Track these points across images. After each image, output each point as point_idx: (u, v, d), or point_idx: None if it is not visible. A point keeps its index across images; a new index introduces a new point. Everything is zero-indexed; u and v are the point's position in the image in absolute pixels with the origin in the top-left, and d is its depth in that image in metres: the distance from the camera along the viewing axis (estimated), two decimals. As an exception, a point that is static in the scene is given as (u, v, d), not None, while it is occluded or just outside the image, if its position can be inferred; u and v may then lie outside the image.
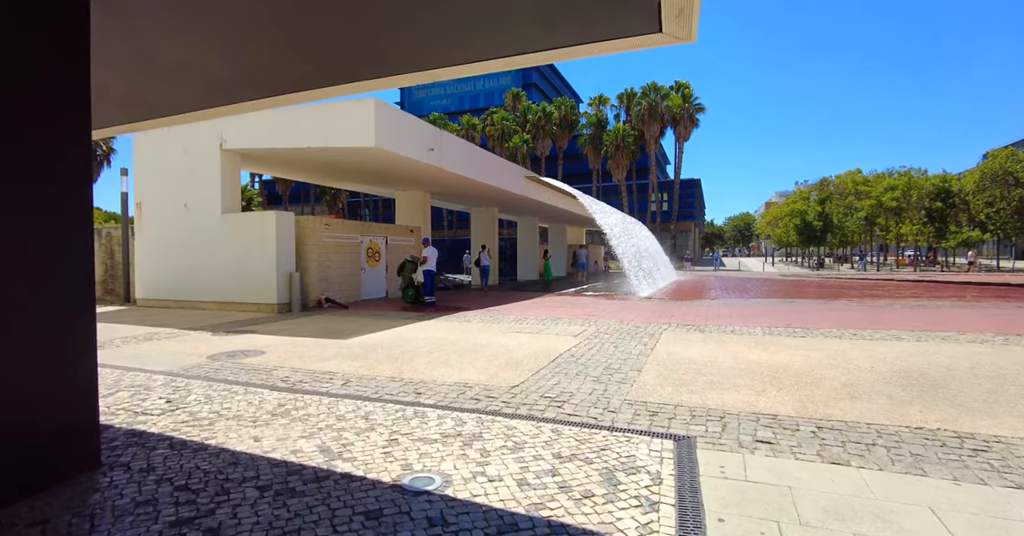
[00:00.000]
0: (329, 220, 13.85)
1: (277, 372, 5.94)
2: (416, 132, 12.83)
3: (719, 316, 10.82)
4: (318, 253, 13.38)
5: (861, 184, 49.66)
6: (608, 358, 6.48)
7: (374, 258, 15.47)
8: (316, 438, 3.71)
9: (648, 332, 8.60)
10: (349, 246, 14.40)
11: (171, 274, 13.60)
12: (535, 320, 10.23)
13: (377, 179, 16.91)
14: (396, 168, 14.18)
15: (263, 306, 12.32)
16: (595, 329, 8.97)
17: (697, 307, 12.94)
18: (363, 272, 15.00)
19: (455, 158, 14.59)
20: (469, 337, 8.23)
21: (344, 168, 14.78)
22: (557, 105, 62.71)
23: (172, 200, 13.54)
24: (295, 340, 8.16)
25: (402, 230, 16.79)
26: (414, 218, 19.25)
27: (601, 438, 3.70)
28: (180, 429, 3.91)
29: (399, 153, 11.97)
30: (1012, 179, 43.32)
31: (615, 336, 8.21)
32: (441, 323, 10.00)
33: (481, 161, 16.61)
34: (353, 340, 8.06)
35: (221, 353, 7.15)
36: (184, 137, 13.34)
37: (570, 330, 8.87)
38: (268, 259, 12.20)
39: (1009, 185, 43.12)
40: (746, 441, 3.70)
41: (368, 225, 15.38)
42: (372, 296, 15.36)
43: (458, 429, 3.87)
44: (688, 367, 5.96)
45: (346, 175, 16.42)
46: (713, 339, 7.88)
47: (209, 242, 12.97)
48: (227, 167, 12.98)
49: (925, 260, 55.04)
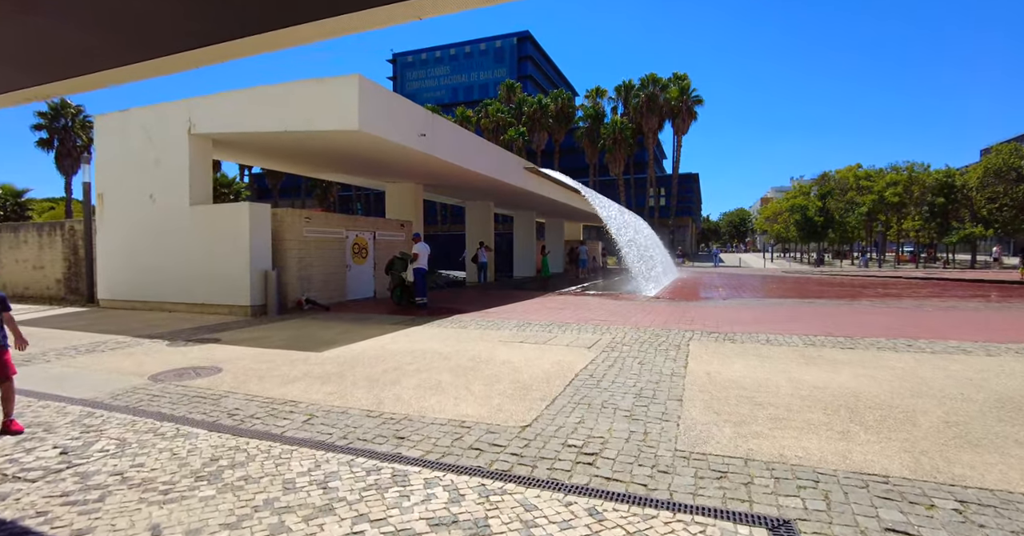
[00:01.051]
0: (310, 213, 12.61)
1: (227, 401, 4.75)
2: (406, 115, 11.57)
3: (743, 320, 9.71)
4: (298, 249, 12.14)
5: (863, 179, 48.72)
6: (636, 380, 5.33)
7: (360, 255, 14.24)
8: (245, 530, 2.53)
9: (672, 342, 7.46)
10: (333, 242, 13.17)
11: (136, 272, 12.33)
12: (540, 326, 9.07)
13: (364, 169, 15.63)
14: (384, 156, 12.93)
15: (236, 308, 11.09)
16: (610, 338, 7.82)
17: (713, 309, 11.83)
18: (348, 270, 13.77)
19: (449, 146, 13.35)
20: (466, 348, 7.06)
21: (327, 156, 13.50)
22: (553, 97, 61.37)
23: (137, 191, 12.24)
24: (262, 353, 6.96)
25: (392, 224, 15.57)
26: (406, 212, 18.03)
27: (663, 525, 2.55)
28: (50, 511, 2.72)
29: (387, 138, 10.72)
30: (1015, 174, 42.57)
31: (636, 348, 7.07)
32: (433, 329, 8.82)
33: (478, 150, 15.37)
34: (329, 353, 6.87)
35: (168, 371, 5.94)
36: (149, 121, 12.03)
37: (582, 339, 7.72)
38: (241, 256, 10.96)
39: (1011, 180, 42.36)
40: (871, 530, 2.56)
41: (354, 219, 14.13)
42: (358, 296, 14.14)
43: (453, 511, 2.69)
44: (738, 394, 4.82)
45: (330, 164, 15.13)
46: (751, 352, 6.75)
47: (177, 237, 11.70)
48: (196, 154, 11.68)
49: (926, 256, 54.38)
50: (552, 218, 36.15)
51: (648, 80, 55.00)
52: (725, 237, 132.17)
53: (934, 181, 46.28)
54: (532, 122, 59.61)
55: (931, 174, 47.66)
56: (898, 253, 54.59)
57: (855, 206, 49.09)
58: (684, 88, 54.54)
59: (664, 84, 54.73)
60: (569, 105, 60.88)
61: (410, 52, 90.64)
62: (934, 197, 46.37)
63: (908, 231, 46.91)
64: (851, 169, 54.41)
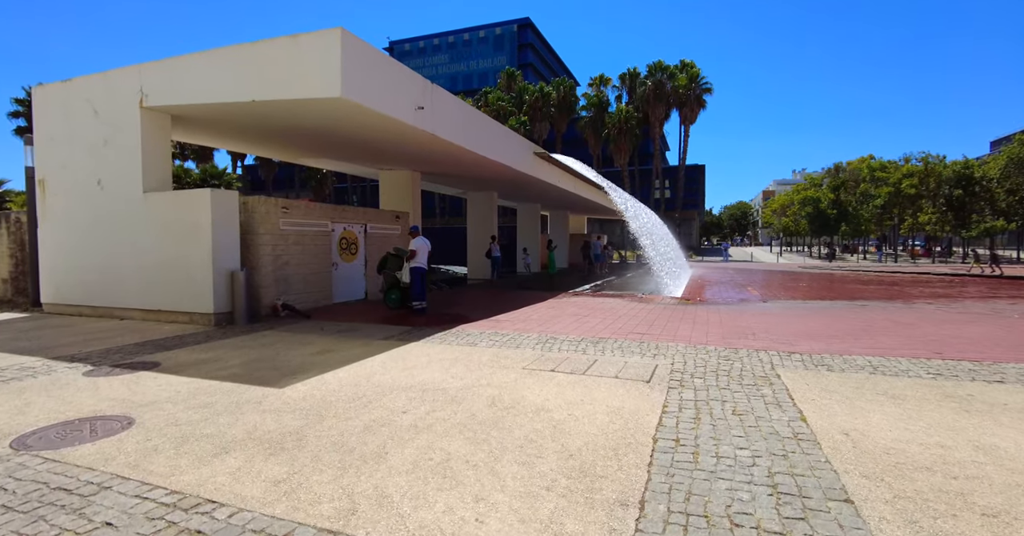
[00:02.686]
0: (288, 202, 10.72)
1: (103, 502, 2.92)
2: (401, 83, 9.65)
3: (813, 334, 7.90)
4: (273, 245, 10.28)
5: (878, 170, 46.86)
6: (751, 453, 3.48)
7: (349, 251, 12.37)
8: None
9: (753, 371, 5.64)
10: (316, 236, 11.30)
11: (84, 271, 10.45)
12: (570, 342, 7.24)
13: (353, 152, 13.71)
14: (375, 134, 11.03)
15: (197, 316, 9.24)
16: (668, 364, 6.00)
17: (762, 316, 10.02)
18: (335, 269, 11.90)
19: (452, 123, 11.43)
20: (479, 381, 5.24)
21: (308, 135, 11.56)
22: (556, 85, 59.26)
23: (83, 176, 10.34)
24: (203, 388, 5.12)
25: (385, 216, 13.68)
26: (401, 202, 16.16)
27: None
28: None
29: (377, 110, 8.81)
30: (1036, 165, 40.75)
31: (712, 381, 5.25)
32: (435, 347, 6.99)
33: (484, 130, 13.44)
34: (294, 390, 5.03)
35: (53, 426, 4.11)
36: (95, 92, 10.10)
37: (632, 366, 5.90)
38: (202, 253, 9.10)
39: (1032, 171, 40.55)
40: None
41: (341, 209, 12.24)
42: (347, 298, 12.29)
43: None
44: (929, 483, 3.00)
45: (314, 146, 13.18)
46: (870, 389, 4.94)
47: (130, 230, 9.83)
48: (151, 131, 9.76)
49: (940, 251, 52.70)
50: (556, 210, 34.27)
51: (656, 67, 52.92)
52: (727, 231, 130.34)
53: (952, 173, 44.49)
54: (533, 111, 57.52)
55: (947, 166, 45.88)
56: (912, 247, 52.86)
57: (869, 198, 47.28)
58: (693, 76, 52.49)
59: (672, 71, 52.66)
60: (572, 94, 58.76)
61: (407, 40, 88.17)
62: (951, 189, 44.61)
63: (924, 225, 45.16)
64: (863, 160, 52.62)
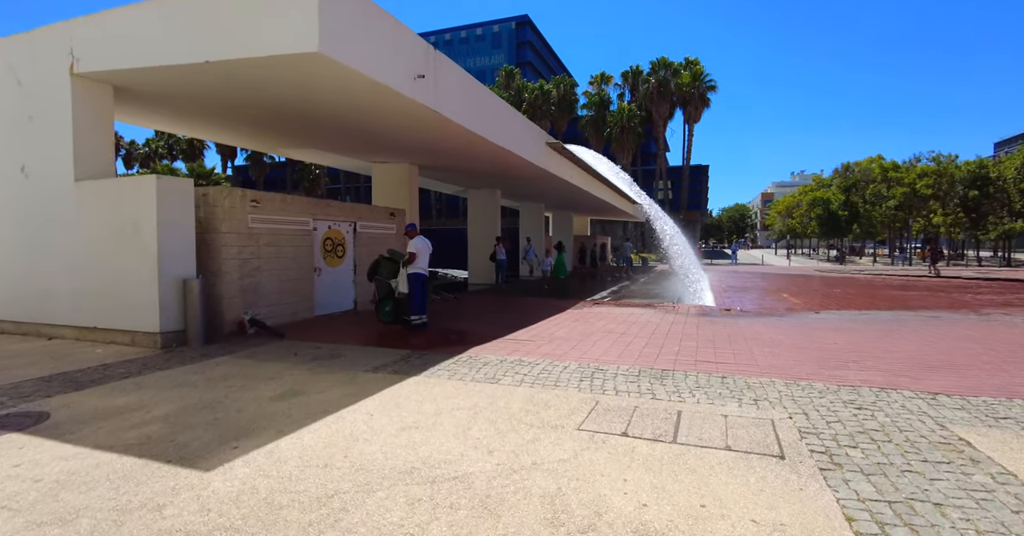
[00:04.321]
0: (259, 195, 8.81)
1: None
2: (396, 42, 7.73)
3: (925, 361, 6.07)
4: (240, 246, 8.37)
5: (891, 170, 45.30)
6: None
7: (335, 253, 10.46)
8: None
9: (920, 432, 3.78)
10: (294, 235, 9.39)
11: (3, 279, 8.52)
12: (624, 377, 5.37)
13: (340, 138, 11.77)
14: (364, 111, 9.13)
15: (140, 336, 7.31)
16: (787, 419, 4.14)
17: (834, 332, 8.19)
18: (318, 275, 10.00)
19: (459, 100, 9.52)
20: (518, 456, 3.36)
21: (283, 114, 9.58)
22: (556, 83, 57.59)
23: (3, 161, 8.41)
24: (80, 471, 3.21)
25: (378, 213, 11.79)
26: (397, 199, 14.26)
27: None
28: None
29: (365, 73, 6.92)
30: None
31: (873, 453, 3.39)
32: (442, 385, 5.10)
33: (495, 112, 11.48)
34: (224, 478, 3.13)
35: None
36: (17, 57, 8.15)
37: (739, 425, 4.03)
38: (145, 256, 7.18)
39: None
40: None
41: (325, 204, 10.33)
42: (332, 309, 10.38)
43: None
44: None
45: (292, 130, 11.16)
46: None
47: (59, 227, 7.89)
48: (85, 104, 7.81)
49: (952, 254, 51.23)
50: (561, 210, 32.43)
51: (659, 64, 51.31)
52: (725, 233, 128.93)
53: (966, 173, 43.00)
54: (533, 109, 55.74)
55: (959, 167, 44.39)
56: (923, 250, 51.31)
57: (881, 199, 45.71)
58: (697, 73, 50.90)
59: (676, 68, 51.07)
60: (572, 92, 57.10)
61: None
62: (966, 190, 43.10)
63: (939, 227, 43.62)
64: (873, 160, 51.14)
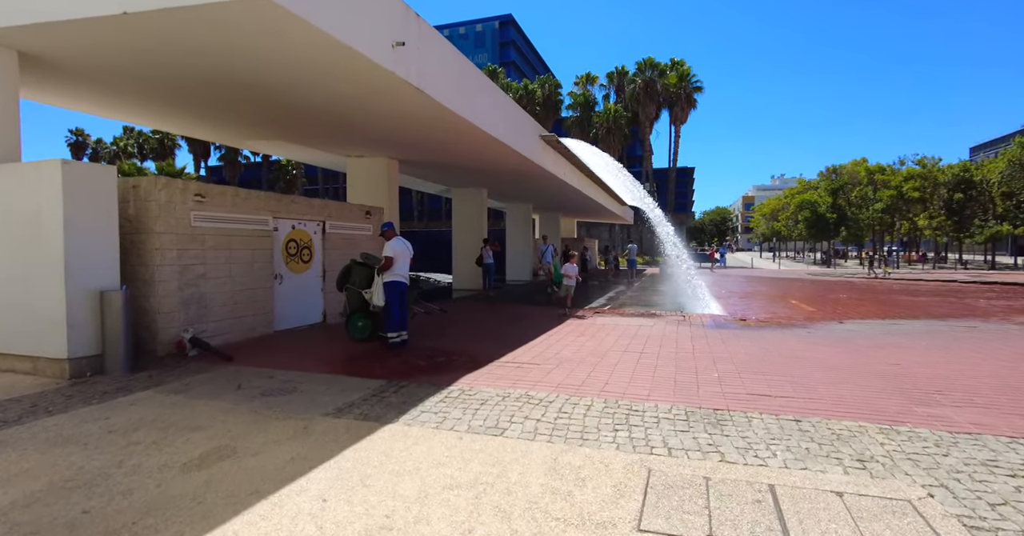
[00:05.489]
0: (206, 188, 7.31)
1: None
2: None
3: (1016, 387, 4.90)
4: (181, 250, 6.88)
5: (878, 172, 45.13)
6: None
7: (300, 257, 9.00)
8: None
9: None
10: (250, 237, 7.91)
11: None
12: (669, 422, 4.05)
13: (303, 124, 10.25)
14: (332, 87, 7.70)
15: (44, 363, 5.78)
16: (923, 493, 2.86)
17: (881, 349, 7.02)
18: (278, 282, 8.52)
19: (445, 77, 8.14)
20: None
21: (235, 90, 8.06)
22: (541, 83, 56.52)
23: None
24: None
25: (352, 211, 10.35)
26: (375, 197, 12.83)
27: None
28: None
29: (328, 31, 5.52)
30: (1039, 168, 39.25)
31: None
32: (428, 440, 3.72)
33: (485, 96, 10.13)
34: None
35: None
36: None
37: (870, 517, 2.74)
38: (49, 262, 5.67)
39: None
40: None
41: (288, 200, 8.84)
42: (297, 323, 8.90)
43: None
44: None
45: (247, 112, 9.58)
46: None
47: (-52, 227, 6.31)
48: (-20, 75, 6.29)
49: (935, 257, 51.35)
50: (549, 212, 31.23)
51: (646, 64, 50.60)
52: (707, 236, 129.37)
53: (952, 175, 42.99)
54: (518, 109, 54.58)
55: (942, 170, 44.42)
56: (909, 253, 51.42)
57: (868, 202, 45.48)
58: (683, 74, 50.31)
59: (662, 69, 50.40)
60: (556, 92, 56.12)
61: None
62: (951, 193, 43.09)
63: (924, 230, 43.52)
64: (858, 163, 51.10)
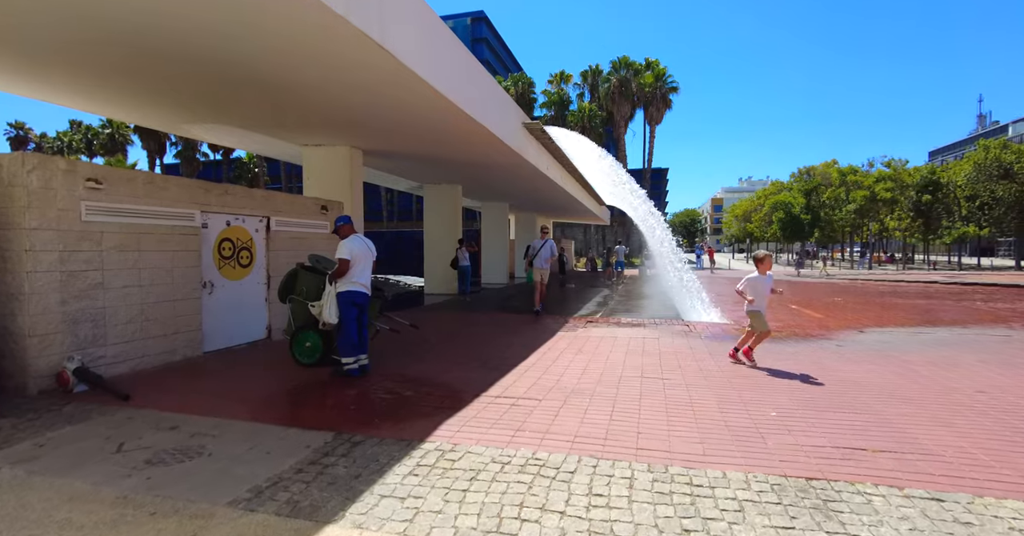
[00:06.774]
0: (106, 172, 5.67)
1: None
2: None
3: None
4: (65, 251, 5.23)
5: (849, 174, 45.48)
6: None
7: (237, 260, 7.39)
8: None
9: None
10: (169, 235, 6.28)
11: None
12: (755, 507, 2.71)
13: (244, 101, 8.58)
14: (269, 43, 6.17)
15: None
16: None
17: (932, 363, 5.91)
18: (208, 292, 6.89)
19: (416, 39, 6.65)
20: None
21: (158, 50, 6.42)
22: (514, 81, 55.36)
23: None
24: None
25: (305, 205, 8.77)
26: (335, 192, 11.23)
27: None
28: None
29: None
30: (1002, 171, 40.08)
31: None
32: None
33: (464, 66, 8.64)
34: None
35: None
36: None
37: None
38: None
39: (995, 178, 39.86)
40: None
41: (222, 190, 7.21)
42: (235, 340, 7.28)
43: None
44: None
45: (171, 79, 7.95)
46: None
47: None
48: None
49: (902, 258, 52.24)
50: (525, 211, 29.93)
51: (620, 63, 49.96)
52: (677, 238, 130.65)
53: (920, 178, 43.62)
54: (491, 107, 53.26)
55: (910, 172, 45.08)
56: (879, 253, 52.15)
57: (841, 203, 45.78)
58: (659, 74, 49.83)
59: (637, 68, 49.83)
60: (530, 91, 55.09)
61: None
62: (919, 194, 43.72)
63: (893, 231, 43.99)
64: (829, 165, 51.56)
